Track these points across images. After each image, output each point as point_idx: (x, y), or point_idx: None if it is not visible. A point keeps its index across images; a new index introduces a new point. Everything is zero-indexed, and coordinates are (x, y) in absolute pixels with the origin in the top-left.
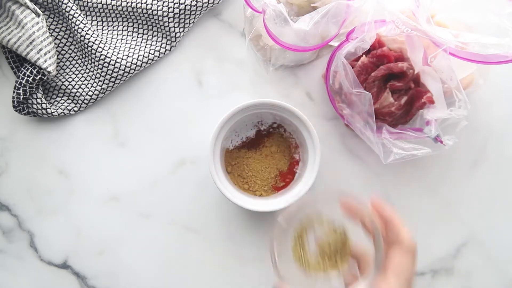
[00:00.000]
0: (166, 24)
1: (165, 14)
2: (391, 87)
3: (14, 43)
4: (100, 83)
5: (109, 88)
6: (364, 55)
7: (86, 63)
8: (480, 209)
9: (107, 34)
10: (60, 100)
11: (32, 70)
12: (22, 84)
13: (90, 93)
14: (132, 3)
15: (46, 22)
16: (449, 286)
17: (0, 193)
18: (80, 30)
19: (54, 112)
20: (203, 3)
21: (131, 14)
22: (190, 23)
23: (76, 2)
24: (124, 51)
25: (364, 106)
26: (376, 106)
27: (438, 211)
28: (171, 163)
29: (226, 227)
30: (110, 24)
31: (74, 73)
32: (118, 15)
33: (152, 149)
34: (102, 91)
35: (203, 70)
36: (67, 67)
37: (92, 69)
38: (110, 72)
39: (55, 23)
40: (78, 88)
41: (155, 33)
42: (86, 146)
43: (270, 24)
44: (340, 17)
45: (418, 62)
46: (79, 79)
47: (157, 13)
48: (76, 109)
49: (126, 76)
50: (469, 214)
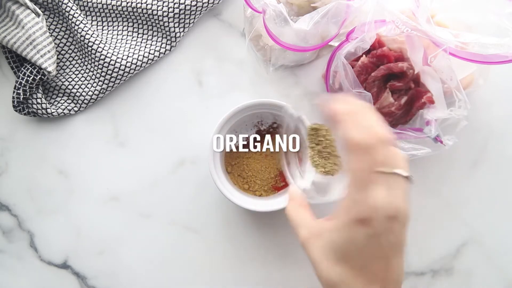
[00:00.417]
0: (166, 24)
1: (165, 14)
2: (391, 87)
3: (14, 43)
4: (100, 83)
5: (109, 88)
6: (364, 55)
7: (86, 63)
8: (480, 209)
9: (107, 34)
10: (60, 100)
11: (32, 70)
12: (22, 84)
13: (90, 93)
14: (132, 3)
15: (46, 22)
16: (449, 286)
17: (0, 193)
18: (80, 30)
19: (54, 112)
20: (203, 3)
21: (131, 14)
22: (190, 23)
23: (76, 2)
24: (124, 51)
25: None
26: (376, 106)
27: (438, 211)
28: (171, 163)
29: (226, 227)
30: (110, 24)
31: (74, 73)
32: (118, 15)
33: (152, 149)
34: (102, 91)
35: (203, 70)
36: (67, 67)
37: (92, 69)
38: (110, 72)
39: (55, 23)
40: (78, 88)
41: (155, 33)
42: (86, 146)
43: (270, 24)
44: (340, 17)
45: (418, 62)
46: (79, 79)
47: (157, 13)
48: (76, 109)
49: (126, 76)
50: (469, 214)
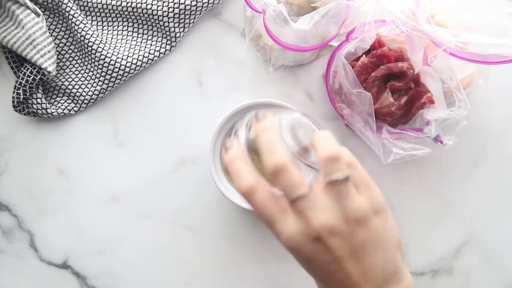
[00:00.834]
0: (166, 24)
1: (165, 14)
2: (391, 87)
3: (14, 43)
4: (100, 83)
5: (109, 88)
6: (364, 55)
7: (86, 63)
8: (480, 209)
9: (107, 34)
10: (60, 100)
11: (32, 70)
12: (22, 84)
13: (90, 93)
14: (132, 3)
15: (46, 22)
16: (449, 286)
17: (0, 193)
18: (80, 30)
19: (54, 112)
20: (203, 3)
21: (131, 14)
22: (190, 23)
23: (76, 2)
24: (124, 51)
25: (364, 106)
26: (376, 106)
27: (438, 211)
28: (171, 163)
29: (226, 227)
30: (110, 24)
31: (74, 73)
32: (118, 15)
33: (152, 149)
34: (102, 91)
35: (203, 70)
36: (67, 67)
37: (92, 69)
38: (110, 72)
39: (55, 23)
40: (78, 88)
41: (155, 33)
42: (86, 146)
43: (270, 24)
44: (340, 17)
45: (418, 62)
46: (79, 79)
47: (157, 13)
48: (76, 109)
49: (126, 76)
50: (469, 214)
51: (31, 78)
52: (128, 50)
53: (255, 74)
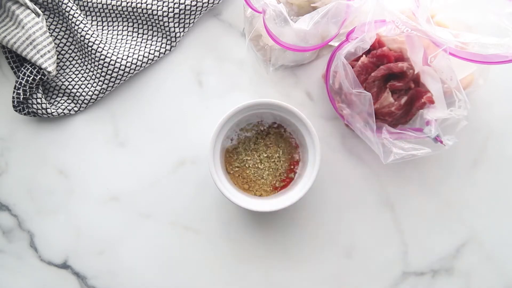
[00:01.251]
0: (166, 24)
1: (165, 14)
2: (391, 87)
3: (14, 43)
4: (100, 83)
5: (109, 88)
6: (364, 55)
7: (86, 63)
8: (480, 209)
9: (107, 34)
10: (60, 100)
11: (32, 70)
12: (22, 84)
13: (90, 93)
14: (132, 3)
15: (46, 22)
16: (449, 286)
17: (0, 193)
18: (80, 30)
19: (54, 112)
20: (203, 3)
21: (131, 14)
22: (190, 23)
23: (76, 2)
24: (124, 51)
25: (364, 106)
26: (376, 106)
27: (438, 211)
28: (171, 163)
29: (226, 227)
30: (110, 24)
31: (74, 73)
32: (118, 15)
33: (152, 149)
34: (102, 91)
35: (203, 70)
36: (67, 67)
37: (92, 69)
38: (110, 72)
39: (55, 23)
40: (78, 88)
41: (155, 33)
42: (86, 146)
43: (270, 24)
44: (340, 17)
45: (418, 62)
46: (79, 79)
47: (157, 13)
48: (76, 109)
49: (126, 76)
50: (469, 214)
51: (31, 78)
52: (128, 50)
53: (255, 74)
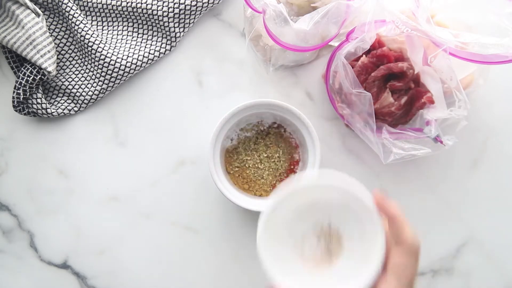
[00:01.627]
0: (166, 24)
1: (165, 14)
2: (391, 87)
3: (14, 43)
4: (100, 83)
5: (109, 88)
6: (364, 55)
7: (86, 63)
8: (480, 209)
9: (107, 34)
10: (60, 100)
11: (32, 70)
12: (22, 84)
13: (90, 93)
14: (132, 3)
15: (46, 22)
16: (449, 286)
17: (0, 193)
18: (80, 30)
19: (54, 112)
20: (203, 3)
21: (131, 14)
22: (190, 23)
23: (76, 2)
24: (124, 51)
25: (364, 106)
26: (376, 106)
27: (438, 211)
28: (171, 163)
29: (226, 227)
30: (110, 24)
31: (74, 73)
32: (118, 15)
33: (152, 149)
34: (102, 91)
35: (203, 70)
36: (67, 67)
37: (92, 69)
38: (110, 72)
39: (55, 23)
40: (78, 88)
41: (155, 33)
42: (86, 146)
43: (270, 24)
44: (340, 17)
45: (418, 62)
46: (79, 79)
47: (157, 13)
48: (76, 109)
49: (126, 76)
50: (469, 214)
51: (31, 78)
52: (128, 50)
53: (255, 74)
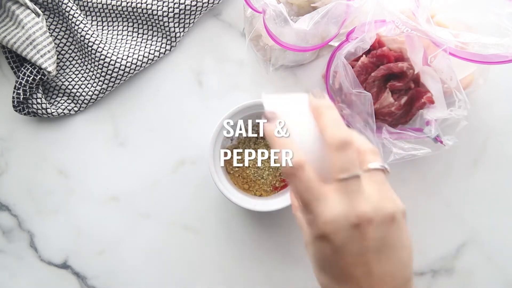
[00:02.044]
0: (166, 24)
1: (165, 14)
2: (391, 87)
3: (14, 43)
4: (100, 83)
5: (109, 88)
6: (364, 55)
7: (86, 63)
8: (480, 209)
9: (107, 34)
10: (60, 100)
11: (32, 70)
12: (22, 84)
13: (90, 93)
14: (132, 3)
15: (46, 22)
16: (449, 286)
17: (0, 193)
18: (80, 30)
19: (54, 112)
20: (203, 3)
21: (131, 14)
22: (190, 23)
23: (76, 2)
24: (124, 51)
25: (364, 106)
26: (376, 106)
27: (438, 211)
28: (171, 163)
29: (226, 227)
30: (110, 24)
31: (74, 73)
32: (118, 15)
33: (152, 149)
34: (102, 91)
35: (203, 70)
36: (67, 67)
37: (92, 69)
38: (110, 72)
39: (55, 23)
40: (78, 88)
41: (155, 33)
42: (86, 146)
43: (270, 24)
44: (340, 17)
45: (418, 62)
46: (79, 79)
47: (157, 13)
48: (76, 109)
49: (126, 76)
50: (469, 214)
51: (31, 78)
52: (128, 50)
53: (255, 74)
